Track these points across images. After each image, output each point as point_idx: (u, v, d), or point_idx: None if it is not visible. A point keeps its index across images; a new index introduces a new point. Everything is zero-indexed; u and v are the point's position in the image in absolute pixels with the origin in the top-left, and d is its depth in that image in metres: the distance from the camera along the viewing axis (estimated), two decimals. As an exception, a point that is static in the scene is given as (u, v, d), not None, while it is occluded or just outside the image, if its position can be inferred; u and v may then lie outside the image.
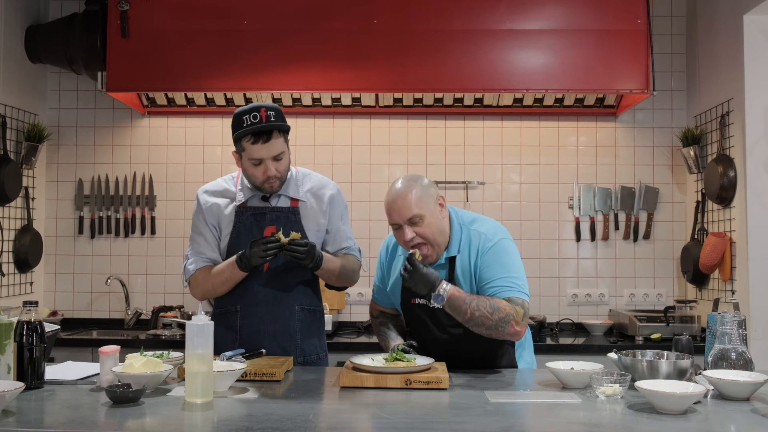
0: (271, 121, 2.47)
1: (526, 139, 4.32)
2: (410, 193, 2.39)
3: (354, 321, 4.24)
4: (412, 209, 2.37)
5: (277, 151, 2.50)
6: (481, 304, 2.31)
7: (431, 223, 2.39)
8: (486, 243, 2.43)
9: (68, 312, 4.30)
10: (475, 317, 2.30)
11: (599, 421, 1.83)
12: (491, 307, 2.30)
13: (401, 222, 2.39)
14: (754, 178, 3.57)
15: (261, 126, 2.46)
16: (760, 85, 3.57)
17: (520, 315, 2.33)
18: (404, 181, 2.44)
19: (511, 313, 2.31)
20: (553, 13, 3.81)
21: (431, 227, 2.39)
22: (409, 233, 2.38)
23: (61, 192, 4.37)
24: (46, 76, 4.37)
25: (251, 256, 2.47)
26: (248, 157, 2.52)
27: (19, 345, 2.13)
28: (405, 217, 2.38)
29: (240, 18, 3.81)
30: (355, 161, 4.34)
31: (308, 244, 2.47)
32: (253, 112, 2.47)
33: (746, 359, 2.19)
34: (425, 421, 1.83)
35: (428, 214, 2.39)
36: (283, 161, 2.54)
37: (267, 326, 2.60)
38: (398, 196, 2.40)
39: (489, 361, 2.52)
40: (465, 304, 2.30)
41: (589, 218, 4.30)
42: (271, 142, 2.48)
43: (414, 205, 2.37)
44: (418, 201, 2.38)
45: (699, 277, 4.00)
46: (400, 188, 2.42)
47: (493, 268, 2.40)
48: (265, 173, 2.52)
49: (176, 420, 1.84)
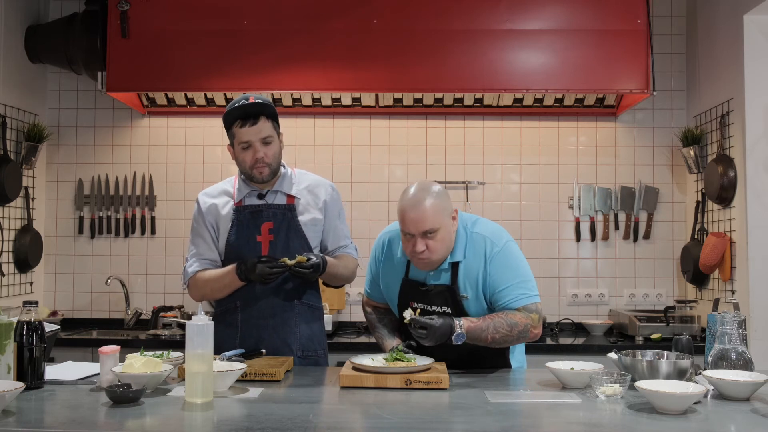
0: (257, 103, 2.55)
1: (526, 139, 4.32)
2: (429, 205, 2.33)
3: (354, 321, 4.23)
4: (429, 223, 2.32)
5: (265, 134, 2.56)
6: (498, 325, 2.34)
7: (443, 238, 2.36)
8: (493, 248, 2.41)
9: (68, 312, 4.30)
10: (497, 339, 2.35)
11: (599, 421, 1.83)
12: (509, 325, 2.35)
13: (416, 233, 2.34)
14: (754, 178, 3.57)
15: (247, 106, 2.54)
16: (760, 85, 3.57)
17: (536, 320, 2.40)
18: (423, 192, 2.36)
19: (528, 323, 2.37)
20: (553, 13, 3.81)
21: (443, 241, 2.36)
22: (420, 246, 2.34)
23: (61, 192, 4.37)
24: (46, 76, 4.37)
25: (254, 273, 2.50)
26: (238, 142, 2.58)
27: (19, 345, 2.13)
28: (421, 229, 2.33)
29: (240, 18, 3.81)
30: (355, 161, 4.34)
31: (313, 265, 2.50)
32: (241, 100, 2.56)
33: (746, 359, 2.19)
34: (425, 421, 1.83)
35: (442, 228, 2.35)
36: (272, 146, 2.59)
37: (267, 320, 2.62)
38: (416, 207, 2.33)
39: (483, 360, 2.53)
40: (484, 331, 2.33)
41: (589, 218, 4.30)
42: (258, 125, 2.55)
43: (431, 219, 2.32)
44: (435, 215, 2.33)
45: (699, 277, 4.00)
46: (418, 198, 2.35)
47: (504, 273, 2.40)
48: (253, 156, 2.56)
49: (176, 420, 1.84)
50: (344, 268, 2.70)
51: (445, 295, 2.44)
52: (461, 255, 2.43)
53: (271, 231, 2.62)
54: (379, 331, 2.66)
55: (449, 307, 2.44)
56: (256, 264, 2.50)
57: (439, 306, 2.46)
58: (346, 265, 2.72)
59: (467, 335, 2.31)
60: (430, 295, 2.46)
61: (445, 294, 2.44)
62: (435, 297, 2.46)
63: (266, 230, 2.62)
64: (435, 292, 2.45)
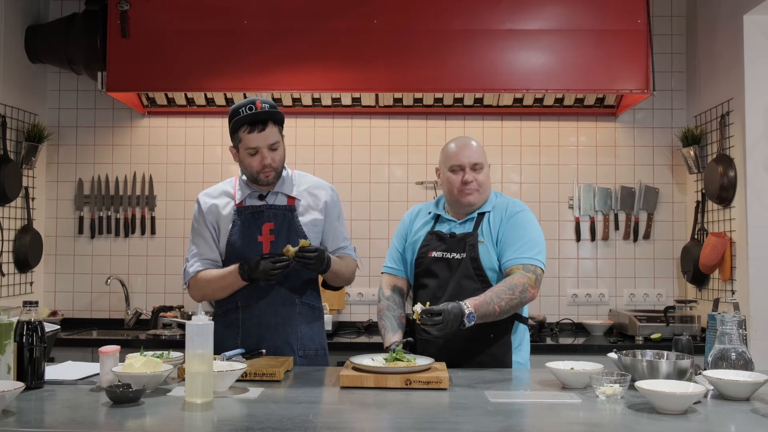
0: (266, 111, 2.56)
1: (526, 139, 4.32)
2: (476, 144, 2.68)
3: (354, 321, 4.24)
4: (479, 156, 2.65)
5: (273, 140, 2.58)
6: (499, 292, 2.44)
7: (486, 177, 2.67)
8: (514, 207, 2.65)
9: (68, 312, 4.30)
10: (504, 308, 2.44)
11: (599, 421, 1.83)
12: (509, 288, 2.45)
13: (466, 164, 2.62)
14: (754, 178, 3.57)
15: (256, 114, 2.56)
16: (760, 85, 3.57)
17: (533, 280, 2.51)
18: (468, 137, 2.75)
19: (525, 282, 2.48)
20: (553, 13, 3.81)
21: (486, 180, 2.67)
22: (470, 176, 2.61)
23: (61, 192, 4.37)
24: (46, 76, 4.37)
25: (257, 271, 2.50)
26: (245, 147, 2.59)
27: (19, 345, 2.13)
28: (472, 161, 2.63)
29: (240, 18, 3.81)
30: (355, 161, 4.34)
31: (318, 250, 2.50)
32: (248, 104, 2.58)
33: (746, 359, 2.19)
34: (425, 421, 1.83)
35: (485, 167, 2.67)
36: (278, 151, 2.62)
37: (268, 319, 2.62)
38: (466, 144, 2.67)
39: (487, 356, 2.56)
40: (489, 304, 2.41)
41: (589, 218, 4.30)
42: (266, 131, 2.57)
43: (479, 154, 2.66)
44: (483, 153, 2.69)
45: (699, 277, 4.00)
46: (465, 139, 2.71)
47: (517, 232, 2.58)
48: (261, 162, 2.58)
49: (176, 420, 1.84)
50: (345, 267, 2.72)
51: (464, 240, 2.62)
52: (489, 207, 2.68)
53: (272, 231, 2.63)
54: (386, 321, 2.67)
55: (465, 253, 2.59)
56: (259, 261, 2.50)
57: (457, 253, 2.60)
58: (347, 265, 2.74)
59: (477, 313, 2.36)
60: (451, 242, 2.64)
61: (464, 239, 2.62)
62: (455, 244, 2.63)
63: (267, 230, 2.63)
64: (456, 239, 2.63)
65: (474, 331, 2.43)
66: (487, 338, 2.57)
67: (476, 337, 2.54)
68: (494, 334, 2.57)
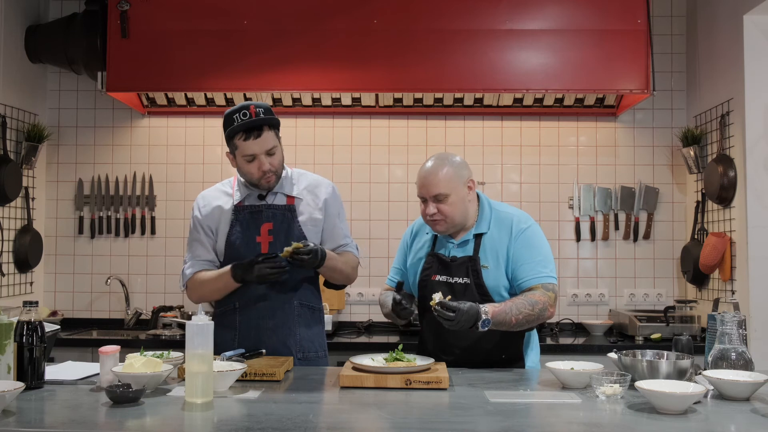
0: (260, 116, 2.53)
1: (526, 139, 4.32)
2: (441, 171, 2.53)
3: (354, 321, 4.24)
4: (439, 188, 2.52)
5: (269, 146, 2.56)
6: (520, 305, 2.43)
7: (455, 203, 2.53)
8: (521, 224, 2.57)
9: (68, 312, 4.30)
10: (520, 320, 2.43)
11: (599, 421, 1.83)
12: (530, 304, 2.44)
13: (427, 197, 2.54)
14: (754, 178, 3.57)
15: (251, 121, 2.52)
16: (760, 85, 3.57)
17: (552, 299, 2.50)
18: (438, 159, 2.58)
19: (545, 301, 2.47)
20: (553, 13, 3.81)
21: (454, 207, 2.53)
22: (431, 208, 2.53)
23: (61, 192, 4.37)
24: (46, 76, 4.37)
25: (250, 274, 2.49)
26: (242, 154, 2.56)
27: (19, 345, 2.13)
28: (431, 193, 2.53)
29: (240, 18, 3.81)
30: (355, 161, 4.34)
31: (311, 251, 2.48)
32: (242, 110, 2.54)
33: (746, 359, 2.19)
34: (425, 421, 1.83)
35: (453, 194, 2.53)
36: (276, 156, 2.59)
37: (266, 321, 2.61)
38: (429, 173, 2.55)
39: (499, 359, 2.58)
40: (507, 314, 2.40)
41: (589, 218, 4.30)
42: (262, 137, 2.53)
43: (441, 184, 2.52)
44: (447, 181, 2.53)
45: (699, 277, 4.00)
46: (432, 165, 2.57)
47: (528, 251, 2.53)
48: (260, 169, 2.56)
49: (176, 420, 1.84)
50: (344, 263, 2.69)
51: (466, 265, 2.56)
52: (485, 227, 2.58)
53: (271, 232, 2.61)
54: (387, 296, 2.68)
55: (469, 278, 2.54)
56: (254, 265, 2.49)
57: (460, 277, 2.56)
58: (346, 261, 2.70)
59: (492, 320, 2.37)
60: (453, 267, 2.58)
61: (466, 264, 2.56)
62: (457, 268, 2.57)
63: (266, 231, 2.61)
64: (458, 264, 2.57)
65: (492, 342, 2.50)
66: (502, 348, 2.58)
67: (491, 349, 2.56)
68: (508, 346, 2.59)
